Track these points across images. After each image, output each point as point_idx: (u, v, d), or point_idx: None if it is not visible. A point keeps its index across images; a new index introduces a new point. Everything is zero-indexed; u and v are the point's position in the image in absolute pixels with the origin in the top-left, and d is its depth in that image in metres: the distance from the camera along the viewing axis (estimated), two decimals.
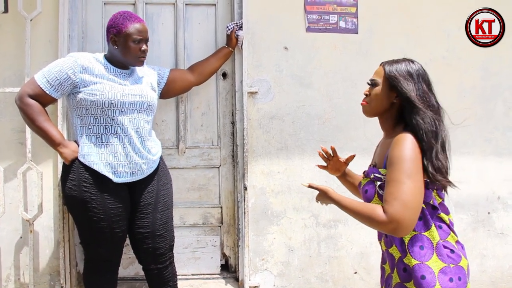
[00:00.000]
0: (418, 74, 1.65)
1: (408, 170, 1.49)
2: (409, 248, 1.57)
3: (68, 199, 2.32)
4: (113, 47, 2.32)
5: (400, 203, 1.46)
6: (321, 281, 2.99)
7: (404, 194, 1.47)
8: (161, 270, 2.46)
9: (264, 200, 2.94)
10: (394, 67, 1.67)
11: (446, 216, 1.66)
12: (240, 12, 2.89)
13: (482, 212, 3.09)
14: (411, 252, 1.56)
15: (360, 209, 1.55)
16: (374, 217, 1.49)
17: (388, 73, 1.66)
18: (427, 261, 1.55)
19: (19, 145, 2.77)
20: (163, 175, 2.51)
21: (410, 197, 1.47)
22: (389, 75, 1.66)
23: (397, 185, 1.48)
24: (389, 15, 2.99)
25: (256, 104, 2.92)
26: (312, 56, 2.95)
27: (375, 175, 1.66)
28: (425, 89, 1.64)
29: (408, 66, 1.67)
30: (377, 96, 1.68)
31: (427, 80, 1.67)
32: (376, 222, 1.49)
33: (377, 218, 1.48)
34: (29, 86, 2.26)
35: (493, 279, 3.10)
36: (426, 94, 1.63)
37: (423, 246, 1.56)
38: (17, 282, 2.83)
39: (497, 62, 3.08)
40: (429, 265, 1.54)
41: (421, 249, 1.56)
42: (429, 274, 1.53)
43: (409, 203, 1.47)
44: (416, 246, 1.56)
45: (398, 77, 1.64)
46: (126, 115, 2.31)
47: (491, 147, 3.08)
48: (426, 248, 1.56)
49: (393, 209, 1.46)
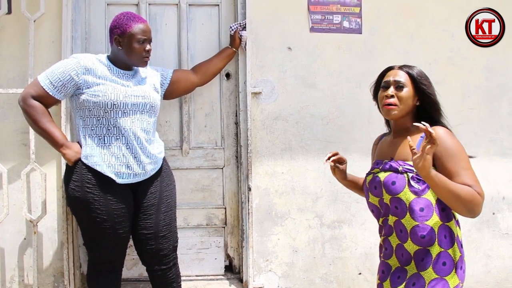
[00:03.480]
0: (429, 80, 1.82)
1: (466, 157, 1.66)
2: (438, 237, 1.66)
3: (71, 200, 2.32)
4: (117, 48, 2.32)
5: (479, 184, 1.61)
6: (325, 282, 2.98)
7: (475, 177, 1.63)
8: (164, 271, 2.45)
9: (268, 201, 2.93)
10: (417, 70, 1.80)
11: None
12: (243, 13, 2.88)
13: (487, 212, 3.07)
14: (438, 240, 1.66)
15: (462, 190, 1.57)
16: (476, 197, 1.58)
17: (417, 77, 1.78)
18: (448, 249, 1.66)
19: (23, 147, 2.77)
20: (166, 176, 2.51)
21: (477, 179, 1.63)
22: (419, 79, 1.77)
23: (468, 172, 1.62)
24: (393, 15, 2.98)
25: (260, 105, 2.91)
26: (316, 57, 2.94)
27: (405, 168, 1.71)
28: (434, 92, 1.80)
29: (423, 72, 1.82)
30: (408, 98, 1.77)
31: None
32: (477, 202, 1.58)
33: (478, 199, 1.58)
34: (32, 87, 2.26)
35: (498, 280, 3.08)
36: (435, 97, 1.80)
37: (446, 235, 1.67)
38: (21, 283, 2.83)
39: (501, 62, 3.06)
40: (450, 253, 1.66)
41: (445, 238, 1.67)
42: (449, 261, 1.66)
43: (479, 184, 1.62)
44: (442, 235, 1.67)
45: (423, 81, 1.77)
46: (129, 116, 2.31)
47: (496, 147, 3.06)
48: (448, 237, 1.67)
49: (480, 190, 1.59)
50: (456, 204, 1.58)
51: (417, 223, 1.67)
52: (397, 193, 1.70)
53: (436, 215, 1.65)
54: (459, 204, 1.58)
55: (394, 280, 1.74)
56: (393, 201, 1.73)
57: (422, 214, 1.66)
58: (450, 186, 1.57)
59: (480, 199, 1.58)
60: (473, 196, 1.57)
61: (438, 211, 1.66)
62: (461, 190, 1.57)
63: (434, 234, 1.65)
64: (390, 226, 1.77)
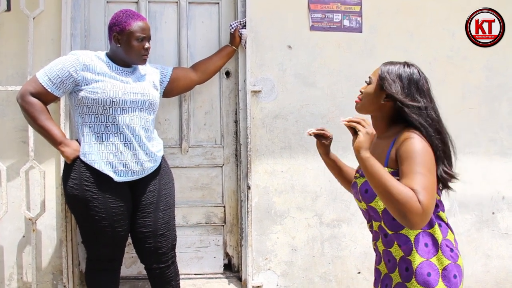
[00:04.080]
0: (409, 79, 1.64)
1: (427, 164, 1.48)
2: (416, 246, 1.56)
3: (70, 198, 2.32)
4: (115, 45, 2.32)
5: (429, 195, 1.42)
6: (324, 281, 2.97)
7: (430, 186, 1.44)
8: (163, 270, 2.45)
9: (268, 199, 2.93)
10: (387, 68, 1.67)
11: (444, 214, 1.66)
12: (243, 11, 2.87)
13: (486, 212, 3.07)
14: (417, 250, 1.56)
15: (395, 188, 1.41)
16: (412, 203, 1.39)
17: (380, 73, 1.67)
18: (431, 259, 1.56)
19: (22, 144, 2.76)
20: (165, 174, 2.50)
21: (433, 190, 1.45)
22: (380, 75, 1.67)
23: (421, 176, 1.44)
24: (393, 14, 2.98)
25: (260, 103, 2.91)
26: (316, 55, 2.94)
27: None
28: (415, 95, 1.61)
29: (401, 69, 1.66)
30: (368, 94, 1.70)
31: (420, 87, 1.63)
32: (410, 209, 1.38)
33: (415, 206, 1.38)
34: (31, 84, 2.25)
35: (498, 279, 3.08)
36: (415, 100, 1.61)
37: (427, 243, 1.57)
38: (20, 281, 2.82)
39: (502, 62, 3.06)
40: (433, 262, 1.56)
41: (426, 247, 1.57)
42: (433, 271, 1.54)
43: (433, 194, 1.44)
44: (421, 243, 1.57)
45: (388, 78, 1.64)
46: (128, 114, 2.30)
47: (496, 147, 3.06)
48: (430, 245, 1.57)
49: (425, 199, 1.40)
50: (387, 202, 1.43)
51: (392, 232, 1.61)
52: (369, 202, 1.64)
53: None
54: (389, 203, 1.42)
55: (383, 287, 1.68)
56: (369, 208, 1.67)
57: (395, 224, 1.57)
58: (383, 178, 1.43)
59: (417, 207, 1.38)
60: (408, 199, 1.38)
61: None
62: (395, 187, 1.41)
63: (410, 244, 1.56)
64: (375, 231, 1.70)
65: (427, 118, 1.59)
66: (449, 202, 3.02)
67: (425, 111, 1.59)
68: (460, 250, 1.68)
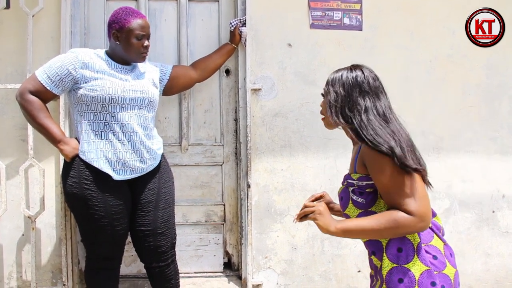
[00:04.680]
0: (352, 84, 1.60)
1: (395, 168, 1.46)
2: (386, 251, 1.52)
3: (69, 197, 2.31)
4: (115, 42, 2.31)
5: (414, 198, 1.44)
6: (324, 279, 2.97)
7: (410, 189, 1.45)
8: (163, 268, 2.45)
9: (268, 197, 2.92)
10: (331, 77, 1.65)
11: None
12: (243, 9, 2.87)
13: (486, 210, 3.06)
14: (388, 255, 1.51)
15: (379, 223, 1.45)
16: (401, 222, 1.43)
17: (325, 85, 1.67)
18: (406, 264, 1.49)
19: (21, 142, 2.76)
20: (165, 173, 2.50)
21: (415, 188, 1.45)
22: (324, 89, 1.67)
23: (398, 186, 1.45)
24: (393, 12, 2.97)
25: (260, 101, 2.90)
26: (316, 53, 2.93)
27: (348, 181, 1.63)
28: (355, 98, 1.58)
29: (344, 76, 1.62)
30: (324, 107, 1.68)
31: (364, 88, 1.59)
32: (406, 225, 1.43)
33: (406, 220, 1.43)
34: (30, 82, 2.25)
35: (498, 278, 3.07)
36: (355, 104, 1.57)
37: (401, 248, 1.51)
38: (19, 279, 2.82)
39: (502, 61, 3.05)
40: (408, 268, 1.49)
41: (400, 252, 1.51)
42: (407, 277, 1.48)
43: (419, 194, 1.45)
44: (393, 248, 1.52)
45: (330, 91, 1.63)
46: (127, 111, 2.30)
47: (496, 145, 3.05)
48: (405, 250, 1.50)
49: (413, 206, 1.43)
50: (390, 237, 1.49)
51: (365, 240, 1.59)
52: (344, 209, 1.63)
53: None
54: (391, 236, 1.48)
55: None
56: (345, 216, 1.65)
57: None
58: (366, 228, 1.46)
59: (407, 220, 1.42)
60: (396, 222, 1.42)
61: None
62: (378, 224, 1.44)
63: (381, 249, 1.53)
64: None
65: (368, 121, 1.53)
66: (449, 201, 3.01)
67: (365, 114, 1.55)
68: (460, 248, 1.63)
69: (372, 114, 1.55)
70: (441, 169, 2.96)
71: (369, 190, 1.55)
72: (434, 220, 1.62)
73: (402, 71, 2.96)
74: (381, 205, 1.54)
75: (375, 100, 1.58)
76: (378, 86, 1.62)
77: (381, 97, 1.60)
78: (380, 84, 1.63)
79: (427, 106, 2.97)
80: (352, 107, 1.57)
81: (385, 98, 1.62)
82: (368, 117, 1.54)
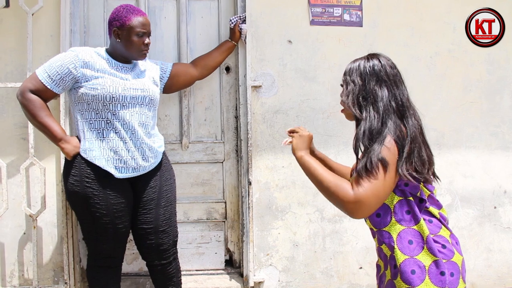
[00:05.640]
0: (369, 73, 1.60)
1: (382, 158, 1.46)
2: (398, 243, 1.53)
3: (70, 195, 2.31)
4: (115, 40, 2.31)
5: (370, 189, 1.45)
6: (326, 276, 2.97)
7: (375, 185, 1.45)
8: (164, 266, 2.45)
9: (269, 195, 2.92)
10: (349, 67, 1.65)
11: (437, 210, 1.60)
12: (243, 5, 2.86)
13: (488, 206, 3.06)
14: (399, 247, 1.53)
15: (328, 180, 1.52)
16: (340, 190, 1.47)
17: (342, 77, 1.67)
18: (416, 255, 1.52)
19: (22, 141, 2.76)
20: (166, 171, 2.50)
21: (379, 188, 1.46)
22: (343, 79, 1.67)
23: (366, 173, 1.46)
24: (393, 8, 2.96)
25: (260, 98, 2.90)
26: (316, 50, 2.92)
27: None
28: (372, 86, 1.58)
29: (361, 66, 1.63)
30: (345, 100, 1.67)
31: (381, 77, 1.59)
32: (340, 197, 1.47)
33: (343, 193, 1.47)
34: (31, 81, 2.24)
35: (499, 273, 3.07)
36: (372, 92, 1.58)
37: (412, 240, 1.53)
38: (21, 278, 2.83)
39: (503, 56, 3.04)
40: (419, 259, 1.51)
41: (410, 244, 1.53)
42: (418, 268, 1.50)
43: (376, 192, 1.45)
44: (404, 240, 1.53)
45: (348, 80, 1.63)
46: (128, 110, 2.29)
47: (497, 141, 3.05)
48: (415, 242, 1.53)
49: (362, 190, 1.45)
50: (323, 193, 1.55)
51: (376, 230, 1.60)
52: None
53: (394, 220, 1.54)
54: (324, 193, 1.54)
55: (380, 285, 1.67)
56: None
57: (377, 221, 1.58)
58: (316, 171, 1.57)
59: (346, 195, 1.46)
60: (338, 188, 1.48)
61: (399, 215, 1.54)
62: (326, 178, 1.53)
63: (392, 241, 1.54)
64: (370, 228, 1.69)
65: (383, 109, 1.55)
66: (450, 196, 3.01)
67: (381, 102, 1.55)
68: (462, 244, 1.65)
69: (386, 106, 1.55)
70: (442, 165, 2.96)
71: None
72: (441, 212, 1.63)
73: (402, 67, 2.87)
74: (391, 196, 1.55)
75: (394, 88, 1.59)
76: (396, 74, 1.62)
77: (399, 85, 1.61)
78: (398, 72, 1.63)
79: (428, 102, 2.96)
80: (367, 96, 1.58)
81: (403, 87, 1.62)
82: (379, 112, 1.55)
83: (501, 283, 3.08)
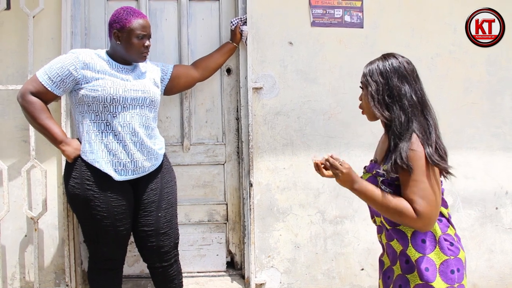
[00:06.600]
0: (390, 71, 1.64)
1: (422, 167, 1.53)
2: (412, 242, 1.61)
3: (71, 198, 2.31)
4: (116, 42, 2.31)
5: (426, 201, 1.52)
6: (327, 278, 2.97)
7: (426, 191, 1.52)
8: (166, 268, 2.45)
9: (270, 196, 2.92)
10: (368, 69, 1.68)
11: (445, 210, 1.68)
12: (244, 7, 2.86)
13: (489, 207, 3.06)
14: (414, 246, 1.60)
15: (388, 203, 1.56)
16: (407, 214, 1.53)
17: (362, 79, 1.70)
18: (429, 254, 1.59)
19: (23, 143, 2.76)
20: (167, 173, 2.49)
21: (431, 193, 1.53)
22: (362, 81, 1.70)
23: (417, 184, 1.53)
24: (394, 9, 2.96)
25: (261, 100, 2.90)
26: (317, 51, 2.92)
27: (377, 171, 1.67)
28: (395, 83, 1.61)
29: (380, 65, 1.66)
30: (365, 102, 1.70)
31: (401, 72, 1.63)
32: (407, 220, 1.54)
33: (410, 216, 1.53)
34: (31, 83, 2.24)
35: (501, 274, 3.07)
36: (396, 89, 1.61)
37: (425, 239, 1.60)
38: (22, 280, 2.82)
39: (504, 56, 3.04)
40: (431, 258, 1.59)
41: (423, 243, 1.60)
42: (431, 266, 1.57)
43: (432, 199, 1.53)
44: (418, 239, 1.60)
45: (370, 81, 1.66)
46: (128, 111, 2.29)
47: (498, 142, 3.04)
48: (428, 241, 1.60)
49: (422, 207, 1.52)
50: (388, 216, 1.59)
51: (391, 228, 1.66)
52: None
53: None
54: (390, 217, 1.58)
55: (385, 280, 1.72)
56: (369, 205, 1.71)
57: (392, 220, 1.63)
58: (378, 198, 1.57)
59: (411, 216, 1.53)
60: (401, 213, 1.54)
61: None
62: (389, 203, 1.56)
63: (407, 239, 1.61)
64: (379, 225, 1.76)
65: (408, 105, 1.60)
66: (452, 198, 3.00)
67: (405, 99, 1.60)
68: (463, 245, 1.70)
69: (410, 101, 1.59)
70: None
71: (397, 182, 1.61)
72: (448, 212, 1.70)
73: None
74: None
75: (414, 83, 1.63)
76: (413, 70, 1.66)
77: (417, 80, 1.65)
78: (414, 67, 1.68)
79: None
80: (391, 94, 1.61)
81: (420, 82, 1.67)
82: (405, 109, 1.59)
83: (503, 284, 3.07)
